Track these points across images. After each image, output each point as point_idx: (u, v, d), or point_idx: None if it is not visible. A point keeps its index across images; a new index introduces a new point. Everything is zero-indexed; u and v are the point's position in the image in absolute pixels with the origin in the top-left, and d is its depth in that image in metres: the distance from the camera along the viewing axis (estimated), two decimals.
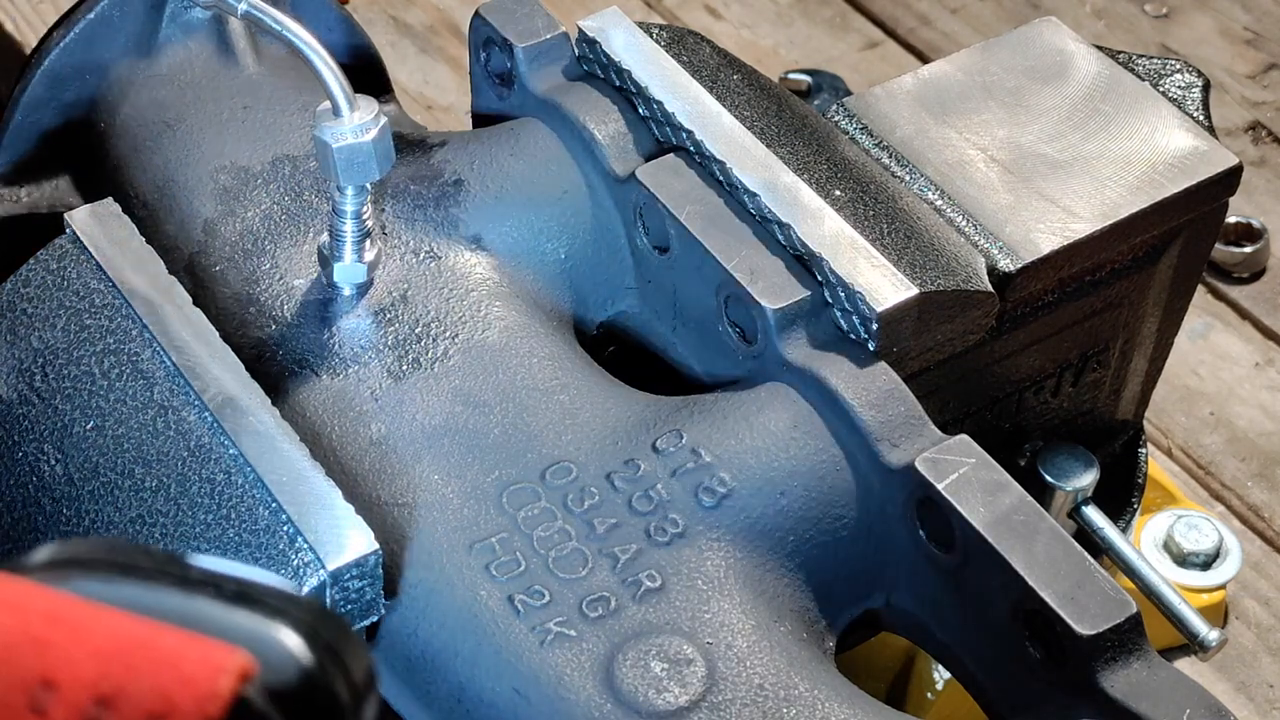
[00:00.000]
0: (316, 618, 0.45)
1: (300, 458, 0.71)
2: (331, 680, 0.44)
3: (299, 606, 0.45)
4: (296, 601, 0.45)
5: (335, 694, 0.44)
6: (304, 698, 0.43)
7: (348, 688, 0.44)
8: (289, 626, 0.44)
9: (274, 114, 0.87)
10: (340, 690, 0.44)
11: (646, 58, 0.84)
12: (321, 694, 0.44)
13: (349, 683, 0.45)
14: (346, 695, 0.44)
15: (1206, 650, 0.86)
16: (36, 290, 0.79)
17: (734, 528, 0.73)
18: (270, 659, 0.43)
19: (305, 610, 0.45)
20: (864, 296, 0.75)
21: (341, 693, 0.44)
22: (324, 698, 0.44)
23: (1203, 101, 0.90)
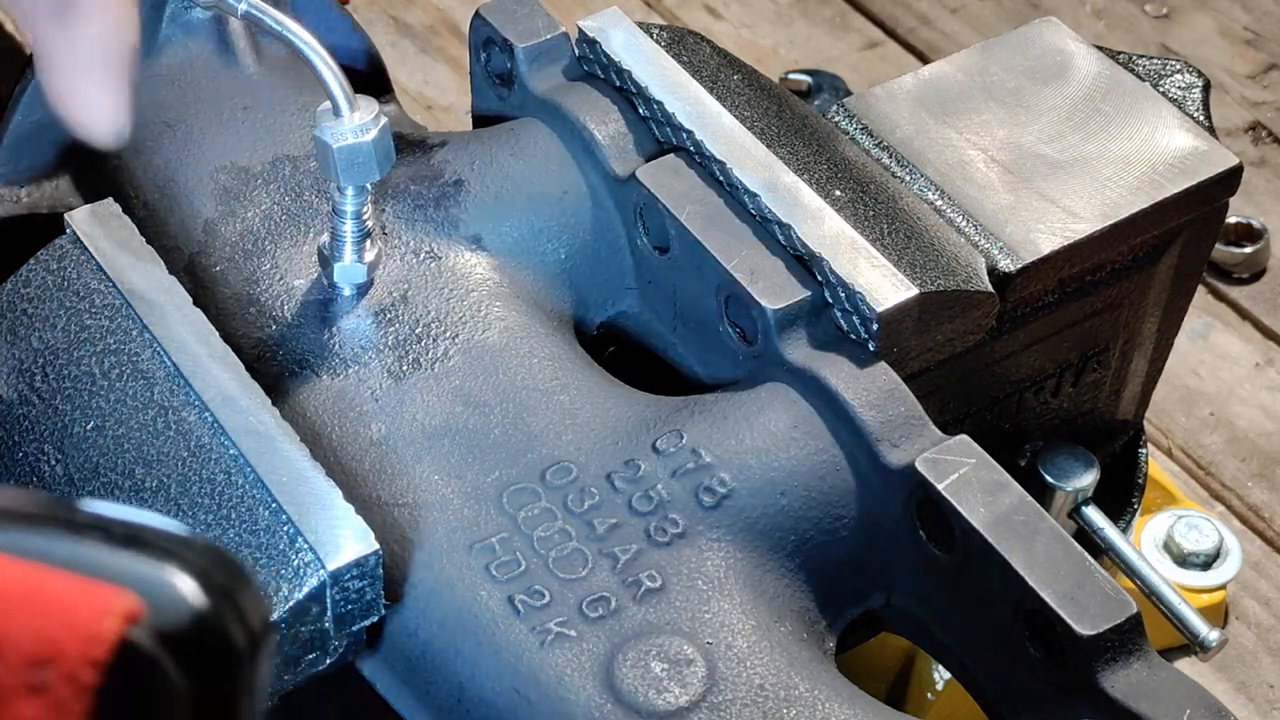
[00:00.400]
0: (210, 561, 0.43)
1: (300, 458, 0.71)
2: (226, 624, 0.43)
3: (191, 549, 0.43)
4: (189, 544, 0.44)
5: (230, 638, 0.43)
6: (196, 641, 0.42)
7: (244, 632, 0.43)
8: (180, 568, 0.43)
9: (274, 114, 0.87)
10: (235, 634, 0.43)
11: (646, 58, 0.84)
12: (215, 638, 0.43)
13: (245, 627, 0.43)
14: (242, 640, 0.43)
15: (1206, 650, 0.86)
16: (36, 290, 0.79)
17: (734, 528, 0.73)
18: (160, 601, 0.42)
19: (198, 553, 0.43)
20: (864, 297, 0.75)
21: (237, 637, 0.43)
22: (218, 642, 0.43)
23: (1203, 102, 0.90)
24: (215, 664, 0.43)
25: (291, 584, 0.68)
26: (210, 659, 0.43)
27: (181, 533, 0.44)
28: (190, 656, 0.42)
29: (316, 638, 0.69)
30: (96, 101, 0.66)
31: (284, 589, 0.68)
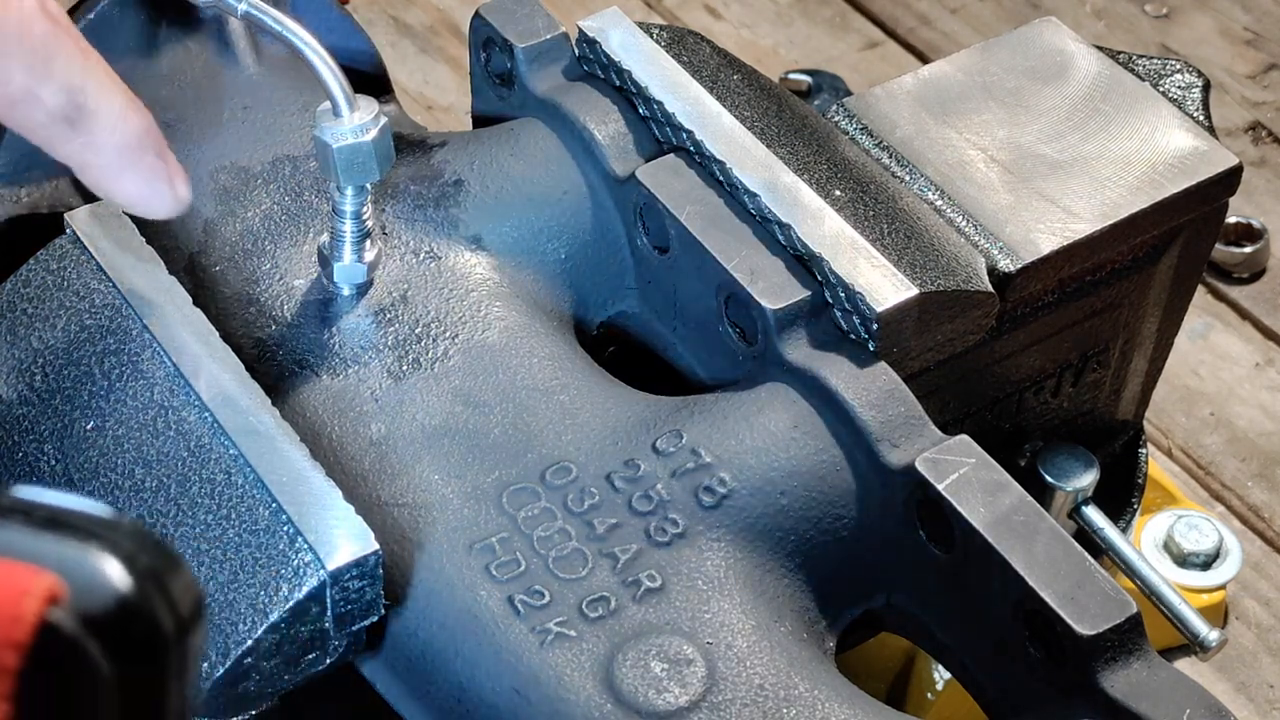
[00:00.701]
0: (136, 543, 0.43)
1: (300, 458, 0.71)
2: (152, 606, 0.42)
3: (116, 531, 0.43)
4: (114, 526, 0.43)
5: (157, 620, 0.42)
6: (122, 624, 0.42)
7: (171, 615, 0.43)
8: (104, 550, 0.42)
9: (274, 114, 0.87)
10: (162, 617, 0.43)
11: (646, 58, 0.84)
12: (141, 620, 0.42)
13: (172, 610, 0.43)
14: (169, 623, 0.43)
15: (1206, 650, 0.86)
16: (36, 290, 0.79)
17: (734, 528, 0.73)
18: (83, 583, 0.41)
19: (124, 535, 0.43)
20: (864, 297, 0.75)
21: (164, 620, 0.43)
22: (144, 624, 0.42)
23: (1203, 101, 0.90)
24: (141, 647, 0.42)
25: (291, 584, 0.68)
26: (136, 642, 0.42)
27: (107, 515, 0.43)
28: (115, 639, 0.41)
29: (316, 638, 0.69)
30: (143, 189, 0.68)
31: (284, 589, 0.68)
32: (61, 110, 0.65)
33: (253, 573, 0.69)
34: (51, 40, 0.64)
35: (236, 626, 0.68)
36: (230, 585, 0.69)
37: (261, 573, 0.68)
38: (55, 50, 0.64)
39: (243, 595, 0.68)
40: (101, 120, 0.66)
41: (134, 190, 0.68)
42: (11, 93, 0.64)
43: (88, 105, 0.65)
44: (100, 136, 0.66)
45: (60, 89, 0.64)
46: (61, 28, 0.65)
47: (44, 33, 0.64)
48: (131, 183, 0.68)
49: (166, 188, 0.68)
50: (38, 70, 0.64)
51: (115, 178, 0.67)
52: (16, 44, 0.63)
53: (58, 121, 0.65)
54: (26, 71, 0.64)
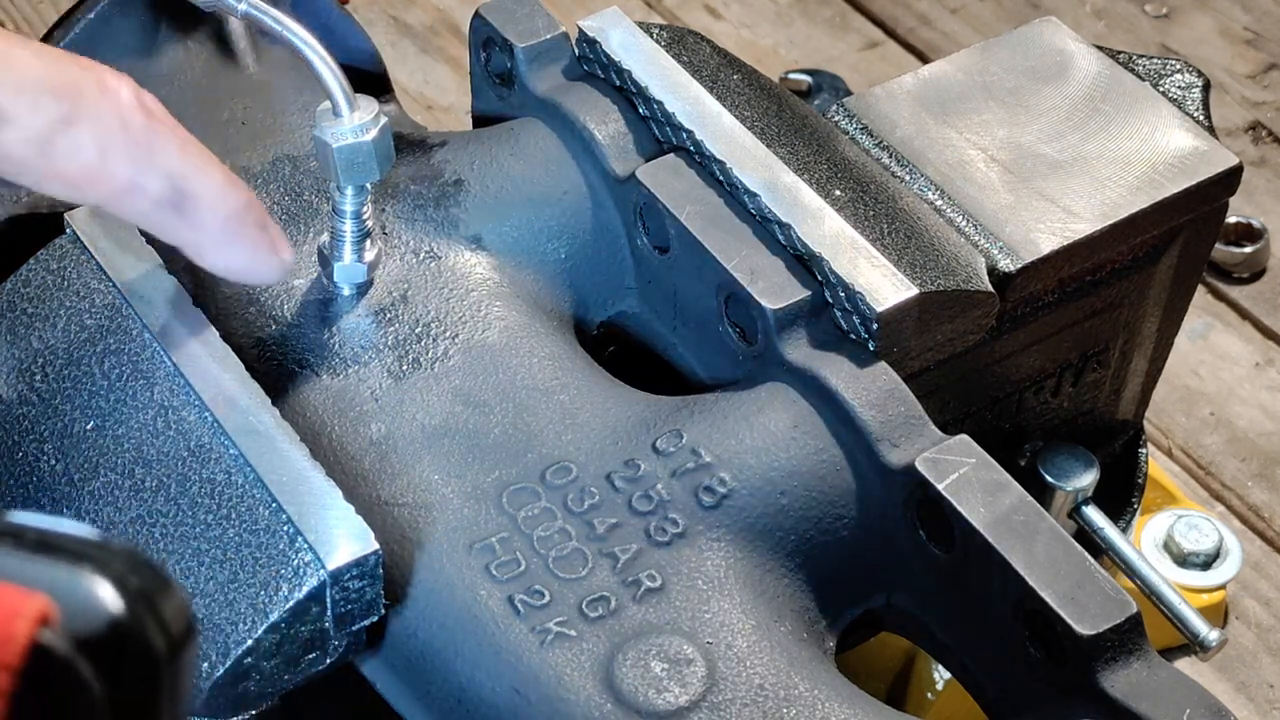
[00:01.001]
0: (127, 564, 0.43)
1: (300, 458, 0.71)
2: (144, 627, 0.43)
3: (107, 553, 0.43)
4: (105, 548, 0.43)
5: (149, 642, 0.43)
6: (114, 645, 0.42)
7: (163, 636, 0.43)
8: (95, 572, 0.42)
9: (274, 114, 0.87)
10: (154, 638, 0.43)
11: (646, 58, 0.84)
12: (134, 642, 0.42)
13: (164, 631, 0.43)
14: (161, 644, 0.43)
15: (1206, 650, 0.86)
16: (36, 290, 0.79)
17: (734, 528, 0.73)
18: (75, 605, 0.42)
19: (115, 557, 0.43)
20: (864, 296, 0.75)
21: (156, 641, 0.43)
22: (136, 646, 0.42)
23: (1203, 101, 0.90)
24: (133, 668, 0.42)
25: (291, 584, 0.68)
26: (128, 663, 0.42)
27: (97, 538, 0.44)
28: (107, 661, 0.42)
29: (316, 638, 0.69)
30: (249, 261, 0.71)
31: (284, 589, 0.68)
32: (166, 197, 0.68)
33: (253, 572, 0.69)
34: (151, 132, 0.67)
35: (236, 626, 0.68)
36: (230, 585, 0.69)
37: (261, 572, 0.68)
38: (155, 141, 0.68)
39: (243, 595, 0.68)
40: (204, 201, 0.69)
41: (241, 262, 0.71)
42: (118, 185, 0.67)
43: (190, 189, 0.68)
44: (204, 216, 0.69)
45: (163, 177, 0.68)
46: (158, 118, 0.68)
47: (143, 126, 0.67)
48: (238, 256, 0.71)
49: (270, 256, 0.72)
50: (141, 162, 0.67)
51: (221, 253, 0.71)
52: (120, 140, 0.67)
53: (163, 208, 0.68)
54: (130, 164, 0.67)
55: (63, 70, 0.66)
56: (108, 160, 0.67)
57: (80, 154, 0.66)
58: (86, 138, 0.66)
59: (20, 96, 0.65)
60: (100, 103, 0.67)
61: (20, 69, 0.65)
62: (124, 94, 0.68)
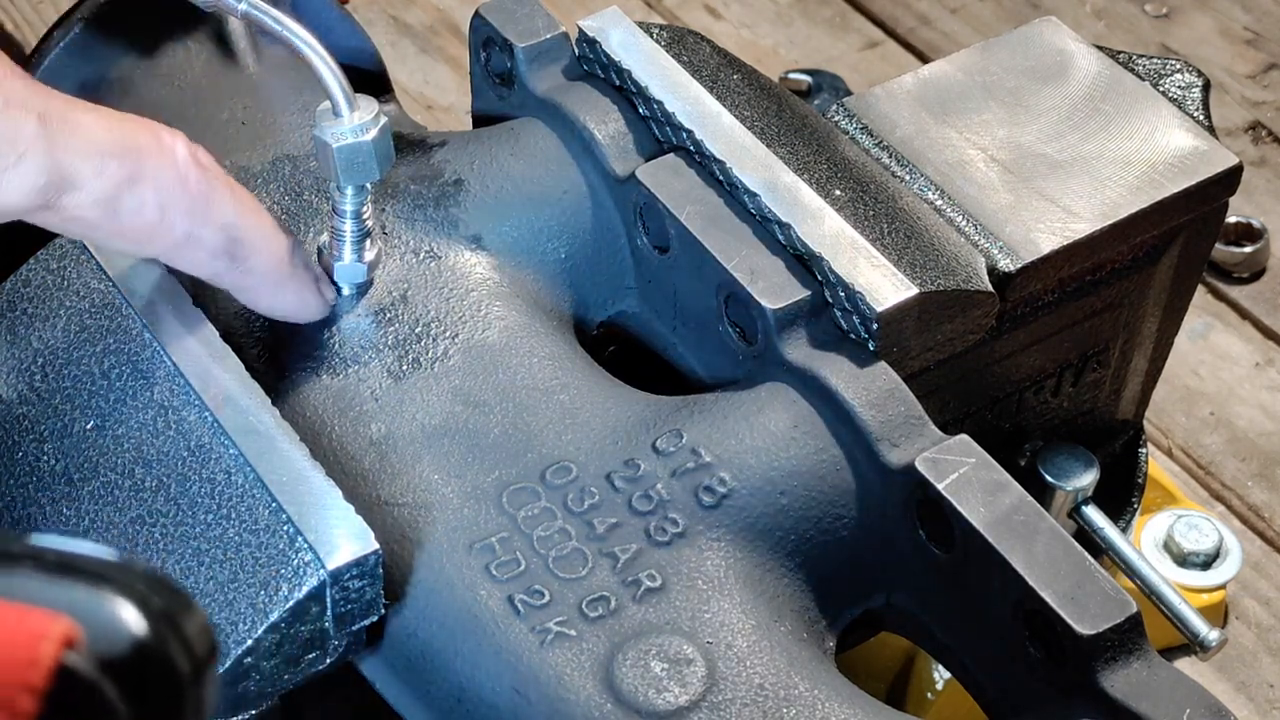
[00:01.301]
0: (149, 585, 0.43)
1: (300, 458, 0.71)
2: (167, 648, 0.43)
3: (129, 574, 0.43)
4: (126, 570, 0.43)
5: (172, 662, 0.43)
6: (138, 666, 0.42)
7: (186, 656, 0.43)
8: (118, 594, 0.42)
9: (274, 114, 0.87)
10: (178, 659, 0.43)
11: (646, 57, 0.84)
12: (157, 663, 0.42)
13: (188, 651, 0.43)
14: (185, 665, 0.43)
15: (1206, 650, 0.86)
16: (36, 290, 0.79)
17: (734, 528, 0.73)
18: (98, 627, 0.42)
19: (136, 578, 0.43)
20: (864, 296, 0.75)
21: (180, 662, 0.43)
22: (160, 667, 0.43)
23: (1203, 101, 0.90)
24: (158, 689, 0.43)
25: (291, 584, 0.68)
26: (152, 684, 0.42)
27: (118, 559, 0.44)
28: (131, 682, 0.42)
29: (316, 637, 0.69)
30: (296, 301, 0.75)
31: (284, 589, 0.68)
32: (221, 246, 0.71)
33: (253, 572, 0.69)
34: (206, 186, 0.70)
35: (236, 626, 0.68)
36: (230, 585, 0.69)
37: (261, 572, 0.68)
38: (211, 195, 0.70)
39: (243, 595, 0.68)
40: (255, 248, 0.72)
41: (290, 303, 0.75)
42: (177, 239, 0.70)
43: (243, 238, 0.72)
44: (255, 262, 0.73)
45: (218, 228, 0.71)
46: (212, 173, 0.71)
47: (198, 180, 0.70)
48: (289, 298, 0.75)
49: (316, 296, 0.76)
50: (198, 215, 0.70)
51: (272, 295, 0.75)
52: (179, 196, 0.70)
53: (218, 257, 0.72)
54: (189, 219, 0.70)
55: (124, 132, 0.69)
56: (167, 216, 0.70)
57: (143, 212, 0.69)
58: (149, 196, 0.69)
59: (87, 161, 0.67)
60: (160, 161, 0.69)
61: (85, 133, 0.67)
62: (180, 151, 0.70)
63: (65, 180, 0.67)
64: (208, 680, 0.44)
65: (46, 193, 0.67)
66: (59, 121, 0.67)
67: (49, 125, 0.66)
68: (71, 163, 0.67)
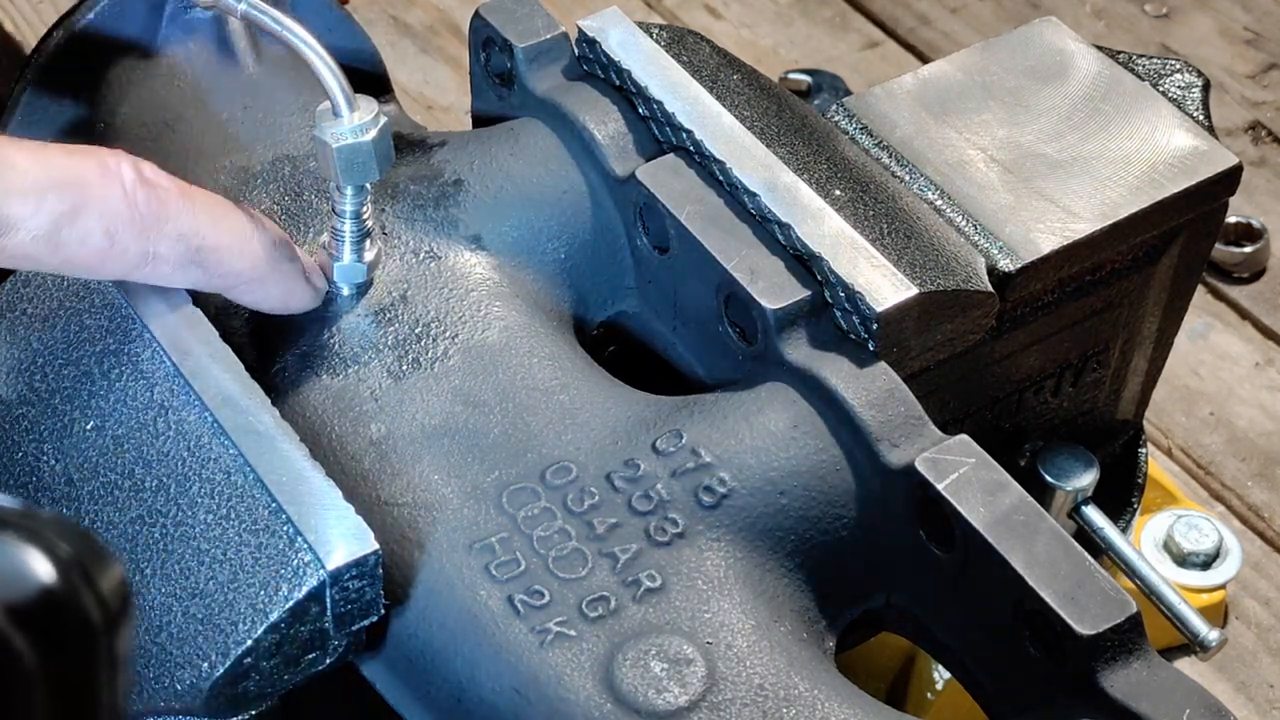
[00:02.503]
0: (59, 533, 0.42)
1: (300, 458, 0.71)
2: (78, 597, 0.42)
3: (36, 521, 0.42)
4: (33, 517, 0.43)
5: (84, 612, 0.42)
6: (48, 616, 0.41)
7: (98, 607, 0.42)
8: (25, 541, 0.42)
9: (274, 114, 0.87)
10: (90, 609, 0.42)
11: (646, 57, 0.84)
12: (69, 612, 0.42)
13: (100, 602, 0.42)
14: (98, 615, 0.42)
15: (1206, 650, 0.86)
16: (36, 290, 0.79)
17: (734, 528, 0.73)
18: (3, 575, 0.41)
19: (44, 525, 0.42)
20: (864, 296, 0.75)
21: (92, 611, 0.42)
22: (72, 616, 0.42)
23: (1203, 101, 0.90)
24: (68, 639, 0.42)
25: (291, 584, 0.68)
26: (62, 633, 0.42)
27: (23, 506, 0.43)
28: (40, 631, 0.41)
29: (316, 638, 0.69)
30: (284, 294, 0.74)
31: (283, 589, 0.68)
32: (186, 258, 0.70)
33: (253, 573, 0.69)
34: (157, 204, 0.69)
35: (236, 626, 0.68)
36: (230, 585, 0.69)
37: (261, 573, 0.68)
38: (162, 211, 0.69)
39: (243, 595, 0.68)
40: (224, 251, 0.71)
41: (276, 297, 0.74)
42: (132, 260, 0.69)
43: (206, 244, 0.71)
44: (229, 265, 0.72)
45: (176, 240, 0.70)
46: (163, 189, 0.70)
47: (146, 200, 0.69)
48: (272, 292, 0.74)
49: (304, 286, 0.75)
50: (151, 234, 0.69)
51: (255, 293, 0.74)
52: (126, 220, 0.68)
53: (186, 268, 0.71)
54: (140, 239, 0.69)
55: (62, 166, 0.68)
56: (118, 240, 0.69)
57: (89, 241, 0.68)
58: (94, 225, 0.68)
59: (24, 201, 0.66)
60: (105, 189, 0.68)
61: (19, 173, 0.66)
62: (125, 173, 0.69)
63: (2, 221, 0.66)
64: (122, 633, 0.43)
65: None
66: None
67: None
68: (6, 203, 0.66)
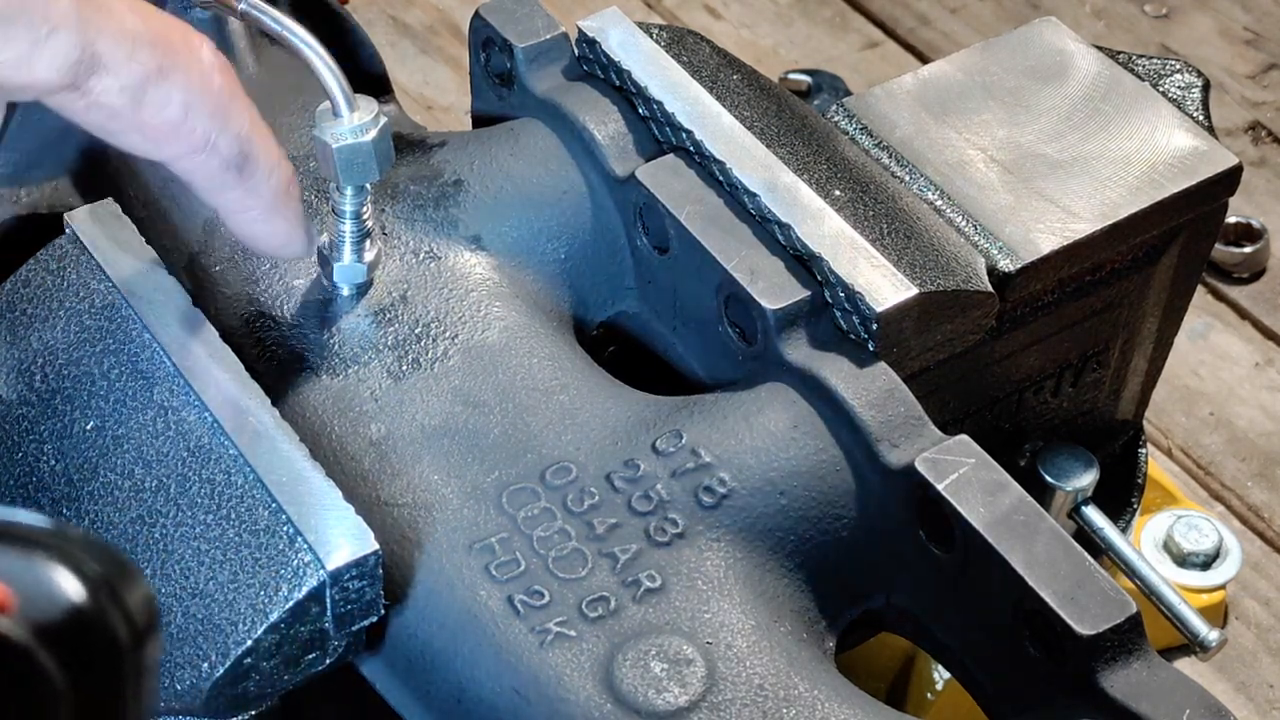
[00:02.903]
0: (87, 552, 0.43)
1: (300, 458, 0.71)
2: (106, 616, 0.42)
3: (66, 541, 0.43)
4: (63, 536, 0.43)
5: (111, 630, 0.42)
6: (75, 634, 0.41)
7: (126, 625, 0.42)
8: (53, 560, 0.42)
9: (274, 114, 0.87)
10: (117, 627, 0.42)
11: (646, 58, 0.84)
12: (96, 630, 0.42)
13: (127, 620, 0.43)
14: (125, 633, 0.42)
15: (1206, 650, 0.86)
16: (36, 290, 0.79)
17: (734, 528, 0.73)
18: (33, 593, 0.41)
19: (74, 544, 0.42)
20: (864, 296, 0.75)
21: (119, 630, 0.42)
22: (99, 634, 0.42)
23: (1203, 101, 0.90)
24: (96, 657, 0.42)
25: (291, 584, 0.68)
26: (91, 652, 0.42)
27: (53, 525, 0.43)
28: (69, 649, 0.41)
29: (316, 638, 0.69)
30: (288, 233, 0.74)
31: (284, 589, 0.68)
32: (233, 159, 0.70)
33: (253, 573, 0.69)
34: (229, 94, 0.69)
35: (236, 626, 0.68)
36: (230, 585, 0.69)
37: (261, 573, 0.68)
38: (232, 104, 0.69)
39: (243, 595, 0.68)
40: (263, 167, 0.71)
41: (282, 233, 0.74)
42: (195, 142, 0.69)
43: (254, 154, 0.70)
44: (260, 183, 0.71)
45: (234, 139, 0.69)
46: (235, 82, 0.70)
47: (221, 87, 0.69)
48: (281, 226, 0.73)
49: (304, 232, 0.75)
50: (218, 121, 0.69)
51: (267, 221, 0.73)
52: (202, 97, 0.68)
53: (229, 169, 0.70)
54: (209, 122, 0.68)
55: (157, 23, 0.67)
56: (190, 116, 0.68)
57: (168, 108, 0.67)
58: (175, 93, 0.67)
59: (120, 45, 0.65)
60: (189, 59, 0.68)
61: (119, 17, 0.66)
62: (205, 53, 0.69)
63: (96, 60, 0.65)
64: (149, 650, 0.43)
65: (76, 71, 0.64)
66: (93, 1, 0.65)
67: (83, 2, 0.64)
68: (104, 43, 0.65)
